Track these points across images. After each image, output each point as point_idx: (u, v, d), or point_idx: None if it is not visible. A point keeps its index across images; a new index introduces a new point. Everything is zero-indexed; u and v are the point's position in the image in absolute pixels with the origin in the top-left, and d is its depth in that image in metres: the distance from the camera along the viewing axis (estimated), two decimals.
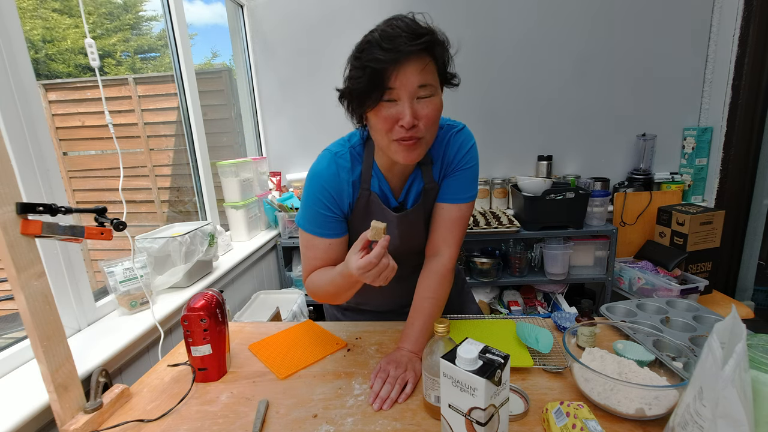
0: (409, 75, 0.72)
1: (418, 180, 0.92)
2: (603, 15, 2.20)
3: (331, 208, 0.88)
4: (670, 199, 2.23)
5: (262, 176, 2.26)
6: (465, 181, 0.91)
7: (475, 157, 0.92)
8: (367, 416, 0.74)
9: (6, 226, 0.65)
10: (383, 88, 0.73)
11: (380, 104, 0.75)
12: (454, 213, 0.91)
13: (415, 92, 0.73)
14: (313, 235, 0.90)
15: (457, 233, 0.93)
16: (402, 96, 0.73)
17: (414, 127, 0.75)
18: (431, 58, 0.74)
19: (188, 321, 0.84)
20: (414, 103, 0.74)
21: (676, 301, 1.11)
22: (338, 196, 0.88)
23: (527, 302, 2.27)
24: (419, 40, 0.70)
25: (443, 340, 0.71)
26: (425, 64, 0.73)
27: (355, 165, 0.88)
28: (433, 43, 0.73)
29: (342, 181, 0.87)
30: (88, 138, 2.11)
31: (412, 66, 0.72)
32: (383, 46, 0.70)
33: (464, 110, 2.33)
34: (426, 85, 0.74)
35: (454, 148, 0.90)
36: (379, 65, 0.71)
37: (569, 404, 0.65)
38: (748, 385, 0.50)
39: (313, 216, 0.89)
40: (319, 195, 0.87)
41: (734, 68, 2.10)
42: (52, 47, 2.11)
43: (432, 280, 0.92)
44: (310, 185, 0.88)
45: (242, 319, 1.70)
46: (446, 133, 0.91)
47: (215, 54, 3.10)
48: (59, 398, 0.71)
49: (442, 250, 0.93)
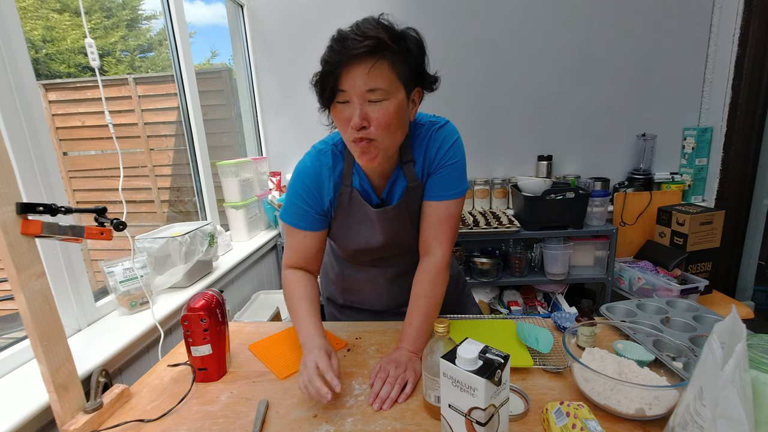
0: (356, 77, 0.72)
1: (401, 178, 0.92)
2: (603, 15, 2.20)
3: (309, 203, 0.91)
4: (670, 199, 2.23)
5: (262, 176, 2.26)
6: (450, 177, 0.90)
7: (460, 152, 0.90)
8: (367, 416, 0.74)
9: (6, 226, 0.65)
10: (335, 89, 0.75)
11: (335, 105, 0.77)
12: (442, 211, 0.91)
13: (364, 95, 0.74)
14: (292, 226, 0.94)
15: (447, 231, 0.91)
16: (352, 97, 0.74)
17: (363, 128, 0.76)
18: (386, 60, 0.73)
19: (188, 321, 0.84)
20: (364, 106, 0.75)
21: (676, 301, 1.10)
22: (318, 192, 0.91)
23: (527, 302, 2.27)
24: (364, 42, 0.70)
25: (443, 340, 0.71)
26: (373, 65, 0.72)
27: (336, 162, 0.91)
28: (382, 46, 0.71)
29: (323, 178, 0.90)
30: (88, 138, 2.11)
31: (359, 68, 0.72)
32: (334, 48, 0.73)
33: (464, 110, 2.33)
34: (375, 89, 0.73)
35: (435, 145, 0.89)
36: (329, 67, 0.73)
37: (569, 404, 0.65)
38: (748, 385, 0.50)
39: (293, 209, 0.93)
40: (300, 190, 0.91)
41: (734, 68, 2.10)
42: (52, 47, 2.11)
43: (426, 279, 0.91)
44: (294, 180, 0.93)
45: (242, 319, 1.70)
46: (427, 131, 0.90)
47: (214, 53, 3.11)
48: (59, 398, 0.71)
49: (433, 248, 0.92)
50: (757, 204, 2.30)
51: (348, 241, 0.98)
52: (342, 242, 0.99)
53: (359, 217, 0.93)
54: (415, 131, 0.90)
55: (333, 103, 0.78)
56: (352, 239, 0.97)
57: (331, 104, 0.79)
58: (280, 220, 0.95)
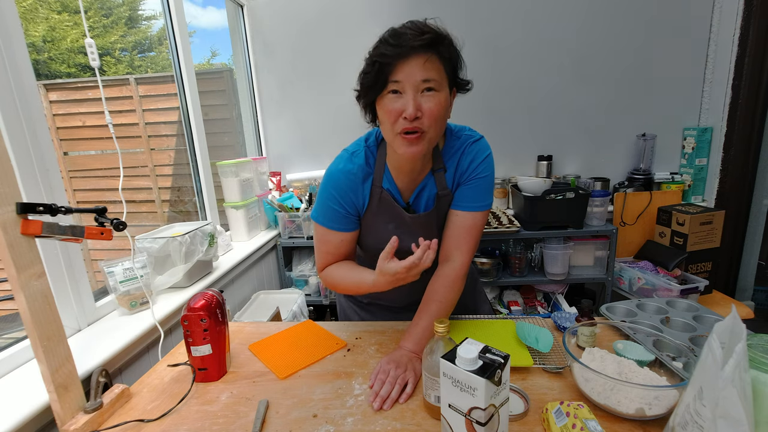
0: (413, 68, 0.76)
1: (430, 185, 0.95)
2: (603, 15, 2.20)
3: (343, 205, 0.93)
4: (670, 199, 2.23)
5: (262, 176, 2.26)
6: (479, 190, 0.93)
7: (490, 167, 0.94)
8: (367, 416, 0.74)
9: (6, 226, 0.65)
10: (389, 80, 0.78)
11: (386, 96, 0.79)
12: (467, 221, 0.93)
13: (418, 85, 0.77)
14: (327, 228, 0.95)
15: (470, 240, 0.94)
16: (406, 88, 0.77)
17: (417, 119, 0.78)
18: (436, 55, 0.78)
19: (188, 321, 0.84)
20: (417, 96, 0.78)
21: (676, 301, 1.10)
22: (353, 194, 0.93)
23: (527, 302, 2.27)
24: (423, 36, 0.75)
25: (443, 340, 0.71)
26: (429, 59, 0.77)
27: (369, 163, 0.93)
28: (438, 41, 0.77)
29: (357, 179, 0.92)
30: (88, 138, 2.11)
31: (416, 60, 0.76)
32: (390, 42, 0.76)
33: (464, 110, 2.30)
34: (430, 80, 0.77)
35: (468, 158, 0.93)
36: (385, 60, 0.76)
37: (569, 404, 0.65)
38: (748, 385, 0.50)
39: (327, 211, 0.94)
40: (333, 192, 0.93)
41: (734, 68, 2.10)
42: (52, 47, 2.11)
43: (441, 284, 0.93)
44: (326, 183, 0.94)
45: (242, 319, 1.70)
46: (462, 143, 0.93)
47: (215, 53, 3.11)
48: (59, 398, 0.71)
49: (454, 255, 0.94)
50: (757, 204, 2.30)
51: (376, 240, 0.98)
52: (369, 240, 1.00)
53: (389, 217, 0.95)
54: (450, 141, 0.94)
55: (381, 96, 0.80)
56: (382, 238, 0.96)
57: (378, 97, 0.81)
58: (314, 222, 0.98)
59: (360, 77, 0.84)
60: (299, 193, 2.41)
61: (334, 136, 2.43)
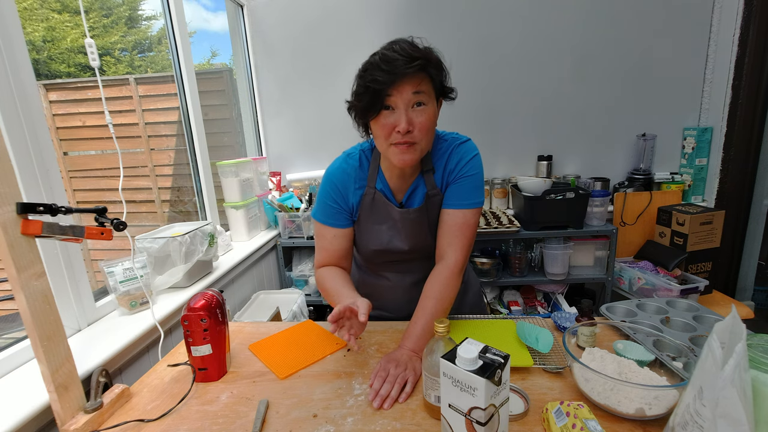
0: (405, 89, 0.82)
1: (421, 186, 0.99)
2: (603, 15, 2.20)
3: (338, 201, 0.99)
4: (670, 199, 2.23)
5: (262, 176, 2.26)
6: (468, 188, 0.96)
7: (478, 166, 0.97)
8: (367, 416, 0.74)
9: (6, 226, 0.65)
10: (383, 104, 0.83)
11: (380, 113, 0.85)
12: (458, 218, 0.96)
13: (410, 101, 0.83)
14: (322, 224, 1.01)
15: (462, 238, 0.96)
16: (398, 104, 0.83)
17: (409, 132, 0.83)
18: (427, 76, 0.84)
19: (188, 321, 0.84)
20: (409, 111, 0.83)
21: (676, 301, 1.11)
22: (345, 191, 0.99)
23: (527, 302, 2.27)
24: (413, 63, 0.80)
25: (443, 340, 0.71)
26: (420, 80, 0.82)
27: (363, 165, 1.00)
28: (427, 65, 0.83)
29: (350, 178, 0.99)
30: (88, 138, 2.11)
31: (408, 82, 0.81)
32: (382, 68, 0.80)
33: (464, 110, 2.33)
34: (420, 92, 0.83)
35: (456, 158, 0.97)
36: (379, 86, 0.81)
37: (569, 404, 0.65)
38: (748, 385, 0.50)
39: (322, 207, 1.01)
40: (329, 189, 1.00)
41: (734, 68, 2.10)
42: (52, 47, 2.11)
43: (437, 281, 0.94)
44: (324, 181, 1.01)
45: (242, 319, 1.70)
46: (449, 145, 0.98)
47: (215, 53, 3.11)
48: (59, 398, 0.71)
49: (448, 254, 0.96)
50: (757, 204, 2.30)
51: (371, 241, 1.02)
52: (364, 242, 1.04)
53: (381, 217, 0.99)
54: (437, 144, 0.98)
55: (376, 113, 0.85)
56: (375, 238, 1.02)
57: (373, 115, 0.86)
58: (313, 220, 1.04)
59: (353, 98, 0.88)
60: (299, 193, 2.41)
61: (334, 136, 2.43)
